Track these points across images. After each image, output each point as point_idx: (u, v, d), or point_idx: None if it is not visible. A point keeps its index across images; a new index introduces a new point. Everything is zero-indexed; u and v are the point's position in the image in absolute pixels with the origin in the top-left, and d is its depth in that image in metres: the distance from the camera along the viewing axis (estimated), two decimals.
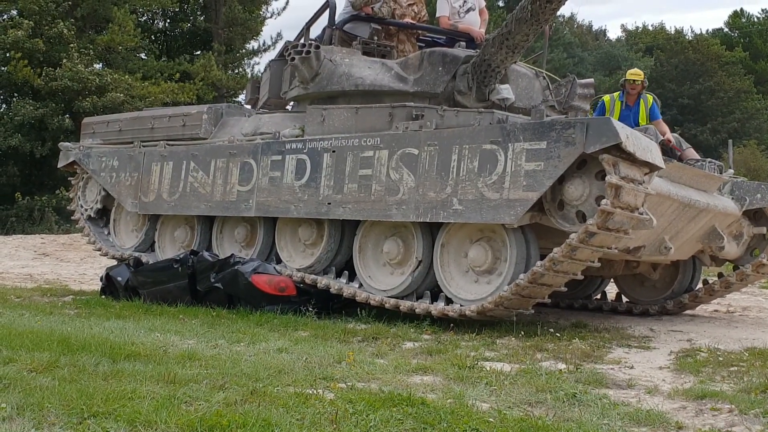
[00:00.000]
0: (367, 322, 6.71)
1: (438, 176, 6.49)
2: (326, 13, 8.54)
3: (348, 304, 7.39)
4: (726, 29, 51.55)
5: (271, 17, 32.66)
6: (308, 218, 7.59)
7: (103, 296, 8.92)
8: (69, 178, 10.73)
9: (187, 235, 8.96)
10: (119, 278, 8.72)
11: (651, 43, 46.33)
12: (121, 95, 24.14)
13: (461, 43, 7.94)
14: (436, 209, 6.49)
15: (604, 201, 5.56)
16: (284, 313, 7.10)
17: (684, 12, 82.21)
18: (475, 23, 8.37)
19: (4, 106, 27.89)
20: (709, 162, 7.76)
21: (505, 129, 6.17)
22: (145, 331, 5.91)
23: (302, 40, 8.25)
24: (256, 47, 32.35)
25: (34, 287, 10.64)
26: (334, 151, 7.25)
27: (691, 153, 8.08)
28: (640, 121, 8.42)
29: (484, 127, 6.36)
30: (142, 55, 29.69)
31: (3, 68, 26.21)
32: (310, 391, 3.90)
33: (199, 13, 31.97)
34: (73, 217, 10.60)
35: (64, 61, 24.50)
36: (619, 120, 8.09)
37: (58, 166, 10.70)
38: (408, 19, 8.40)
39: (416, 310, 6.69)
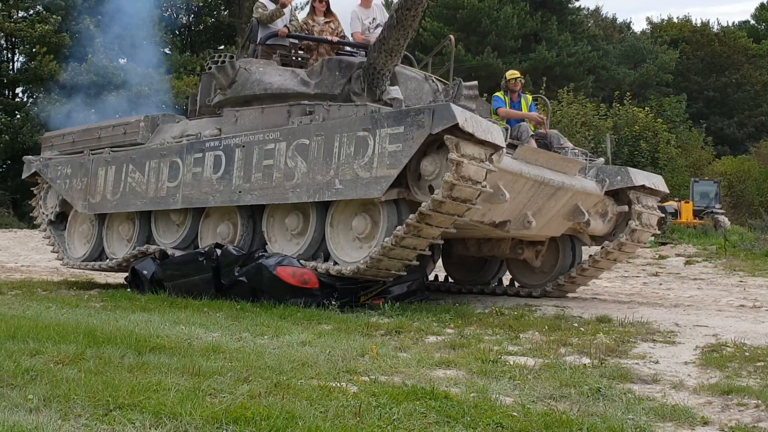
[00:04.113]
0: (390, 316, 6.72)
1: (324, 161, 7.47)
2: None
3: (370, 298, 7.45)
4: (753, 22, 50.94)
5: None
6: (225, 209, 8.58)
7: (129, 290, 9.02)
8: (32, 189, 11.57)
9: (129, 229, 9.78)
10: (145, 272, 8.86)
11: (677, 36, 45.80)
12: (146, 88, 24.31)
13: (361, 52, 8.91)
14: (322, 190, 7.48)
15: (447, 174, 6.43)
16: (307, 306, 7.14)
17: (710, 5, 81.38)
18: None
19: (30, 101, 28.14)
20: (572, 149, 8.82)
21: (374, 118, 7.13)
22: (170, 324, 5.96)
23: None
24: None
25: (60, 280, 10.77)
26: (244, 146, 8.25)
27: (565, 143, 9.02)
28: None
29: (359, 117, 7.34)
30: (167, 50, 29.87)
31: (30, 63, 26.47)
32: (334, 384, 3.91)
33: (222, 8, 32.10)
34: (35, 222, 11.50)
35: (90, 56, 24.70)
36: None
37: (22, 177, 11.63)
38: (326, 35, 9.23)
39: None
